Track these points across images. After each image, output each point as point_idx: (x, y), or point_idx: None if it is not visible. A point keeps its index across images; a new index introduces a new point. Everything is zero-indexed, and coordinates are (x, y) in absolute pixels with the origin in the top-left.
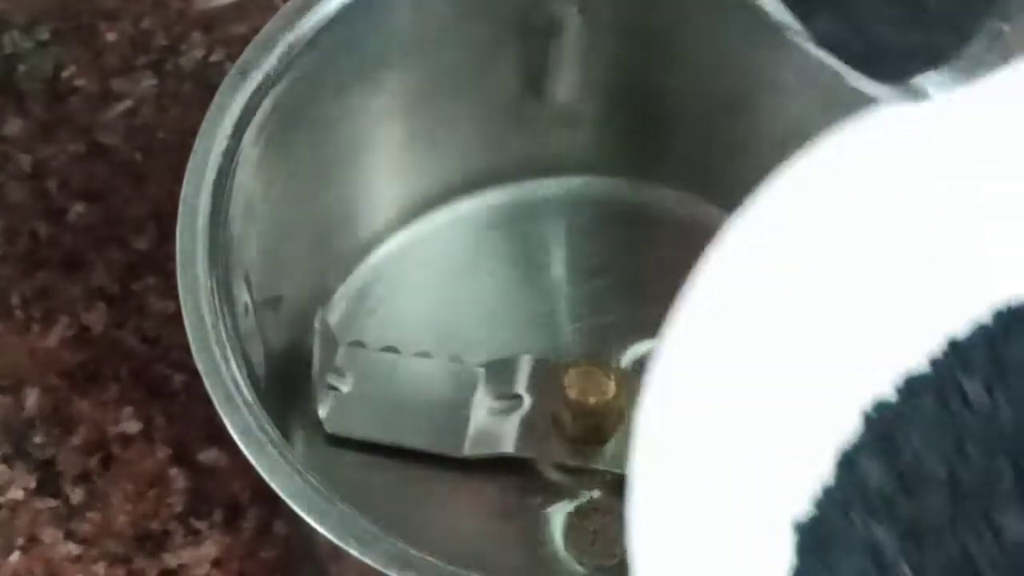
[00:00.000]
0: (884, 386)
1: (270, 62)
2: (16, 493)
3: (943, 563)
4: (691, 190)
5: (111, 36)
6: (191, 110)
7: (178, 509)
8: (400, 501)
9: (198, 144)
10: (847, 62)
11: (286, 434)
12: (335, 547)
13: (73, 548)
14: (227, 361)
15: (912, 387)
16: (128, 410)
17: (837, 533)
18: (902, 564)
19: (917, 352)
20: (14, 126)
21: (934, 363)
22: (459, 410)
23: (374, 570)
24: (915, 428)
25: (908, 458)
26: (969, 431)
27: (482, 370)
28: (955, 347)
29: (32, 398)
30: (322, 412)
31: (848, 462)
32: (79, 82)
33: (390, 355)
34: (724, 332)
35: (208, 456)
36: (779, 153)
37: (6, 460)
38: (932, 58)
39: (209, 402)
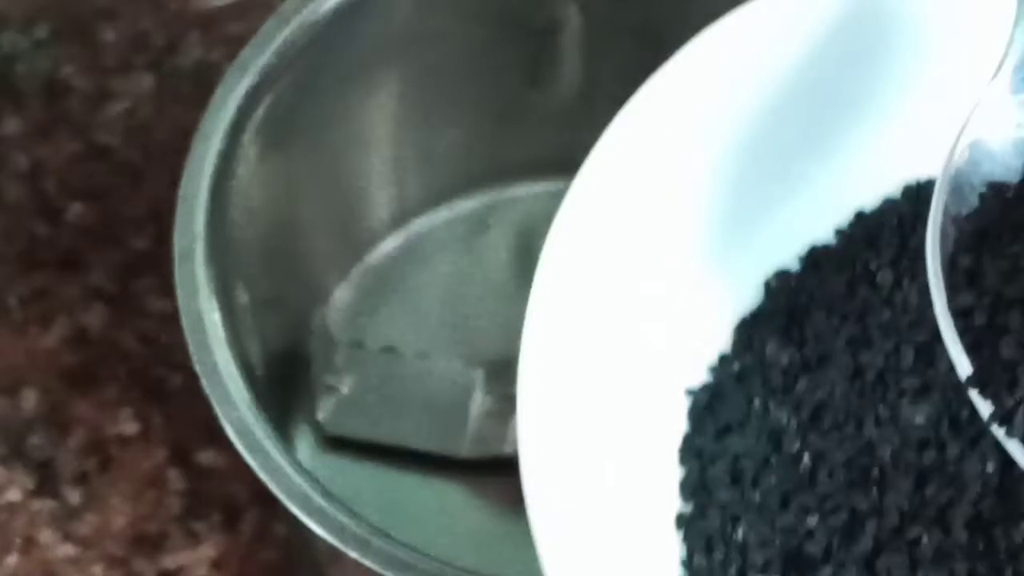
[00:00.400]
0: (788, 255)
1: (268, 61)
2: (14, 494)
3: (843, 449)
4: None
5: (109, 35)
6: (189, 110)
7: (176, 510)
8: (400, 502)
9: (196, 144)
10: None
11: (285, 435)
12: (334, 549)
13: (71, 550)
14: (225, 362)
15: (816, 258)
16: (126, 411)
17: (729, 399)
18: (803, 452)
19: (824, 224)
20: (11, 125)
21: (839, 233)
22: (459, 410)
23: (373, 572)
24: (818, 304)
25: (810, 336)
26: (874, 314)
27: (482, 370)
28: (861, 218)
29: (30, 399)
30: (321, 413)
31: (745, 328)
32: (77, 81)
33: (390, 355)
34: (623, 198)
35: (207, 457)
36: None
37: (4, 461)
38: None
39: (208, 403)
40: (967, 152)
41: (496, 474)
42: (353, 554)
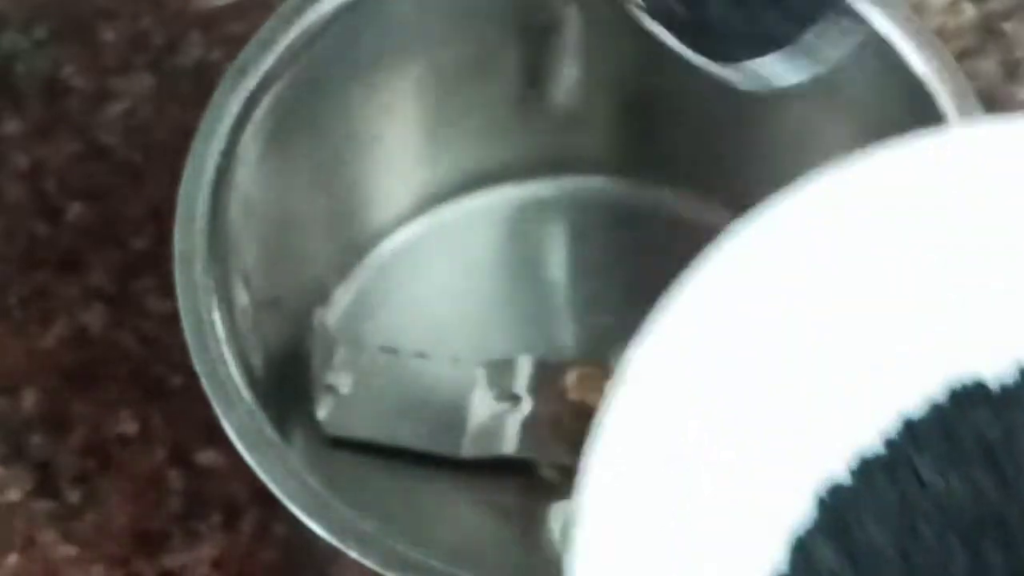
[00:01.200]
0: (838, 466)
1: (268, 61)
2: (13, 494)
3: None
4: (692, 190)
5: (109, 35)
6: (189, 109)
7: (176, 510)
8: (399, 502)
9: (196, 144)
10: (679, 37)
11: (285, 435)
12: (334, 549)
13: (71, 550)
14: (225, 362)
15: (866, 469)
16: (126, 411)
17: None
18: None
19: (871, 430)
20: (11, 126)
21: (889, 444)
22: (459, 410)
23: (373, 572)
24: (868, 509)
25: (861, 540)
26: (922, 511)
27: (482, 370)
28: (910, 427)
29: (30, 399)
30: (321, 413)
31: (801, 546)
32: (77, 81)
33: (390, 355)
34: (675, 404)
35: (206, 457)
36: (779, 152)
37: (3, 461)
38: (767, 44)
39: (208, 403)
40: None
41: (496, 474)
42: (353, 554)
